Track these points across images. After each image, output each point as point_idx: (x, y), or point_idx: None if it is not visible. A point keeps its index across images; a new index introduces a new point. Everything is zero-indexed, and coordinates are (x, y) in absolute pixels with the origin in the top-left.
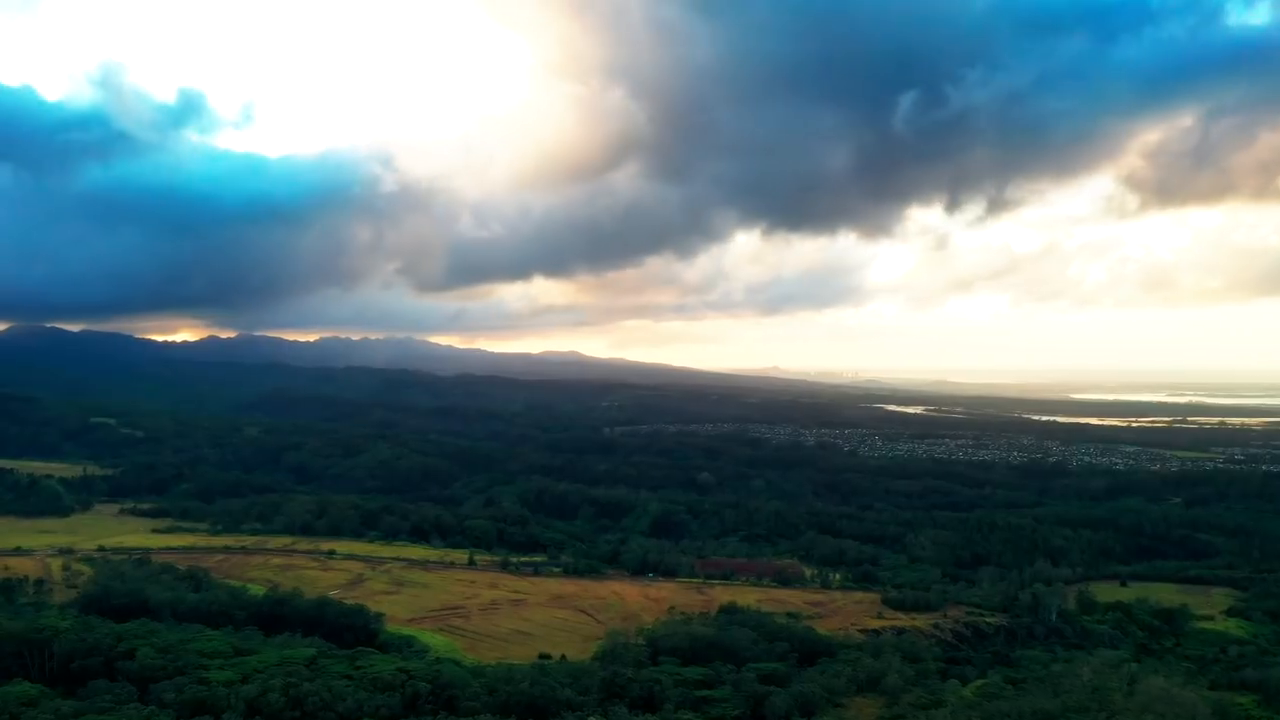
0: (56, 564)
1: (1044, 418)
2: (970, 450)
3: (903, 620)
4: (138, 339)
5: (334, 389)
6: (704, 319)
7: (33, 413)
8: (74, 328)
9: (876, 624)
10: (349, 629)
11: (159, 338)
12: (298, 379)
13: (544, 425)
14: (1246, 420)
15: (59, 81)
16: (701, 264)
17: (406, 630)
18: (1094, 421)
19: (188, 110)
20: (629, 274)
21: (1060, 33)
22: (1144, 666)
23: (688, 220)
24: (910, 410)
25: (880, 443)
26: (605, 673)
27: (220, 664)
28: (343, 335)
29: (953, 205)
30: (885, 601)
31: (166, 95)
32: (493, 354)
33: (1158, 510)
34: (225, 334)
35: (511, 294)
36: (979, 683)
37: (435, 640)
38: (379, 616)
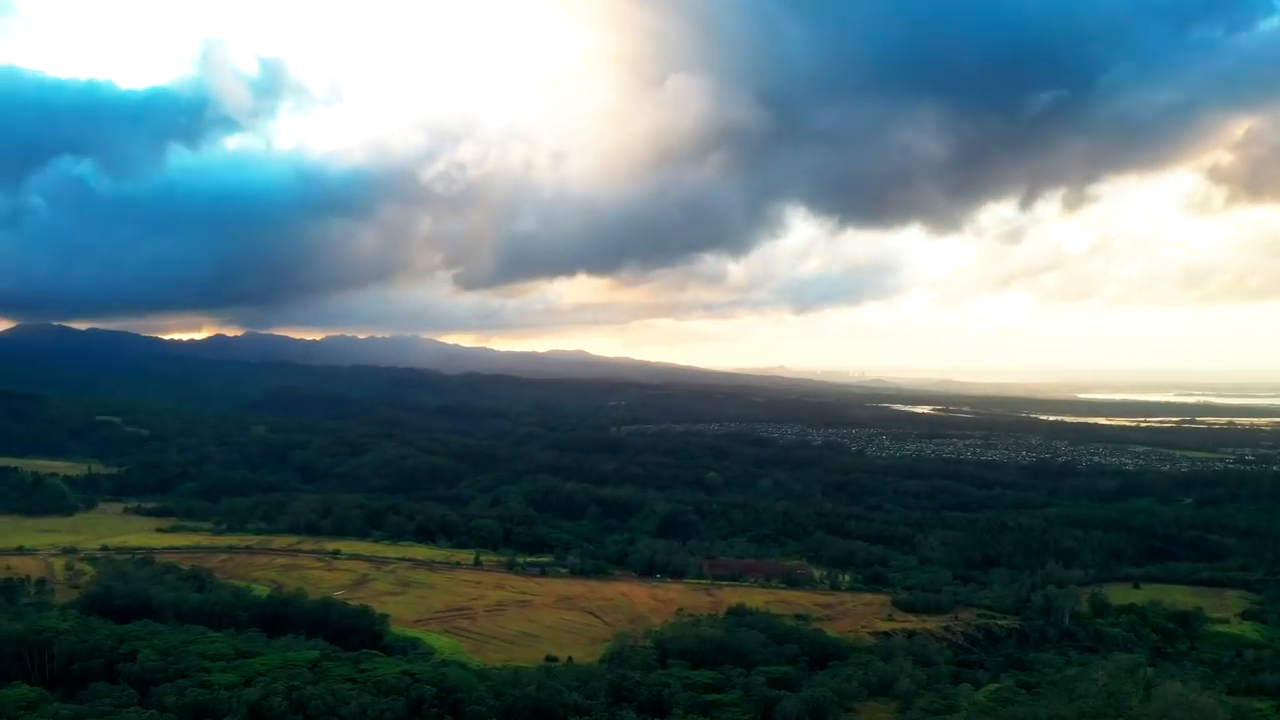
0: (59, 564)
1: (1052, 418)
2: (978, 450)
3: (913, 622)
4: (144, 337)
5: (340, 387)
6: (730, 317)
7: (38, 411)
8: (80, 326)
9: (887, 626)
10: (353, 630)
11: (165, 336)
12: (304, 377)
13: (551, 424)
14: (1256, 420)
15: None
16: (751, 260)
17: (412, 632)
18: (1102, 421)
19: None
20: (677, 271)
21: (1165, 20)
22: (1160, 671)
23: (751, 215)
24: (917, 410)
25: (888, 442)
26: (613, 676)
27: (222, 666)
28: (349, 334)
29: (1029, 200)
30: (895, 603)
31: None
32: (500, 353)
33: (1169, 511)
34: (232, 332)
35: (552, 291)
36: (992, 687)
37: (441, 642)
38: (384, 618)
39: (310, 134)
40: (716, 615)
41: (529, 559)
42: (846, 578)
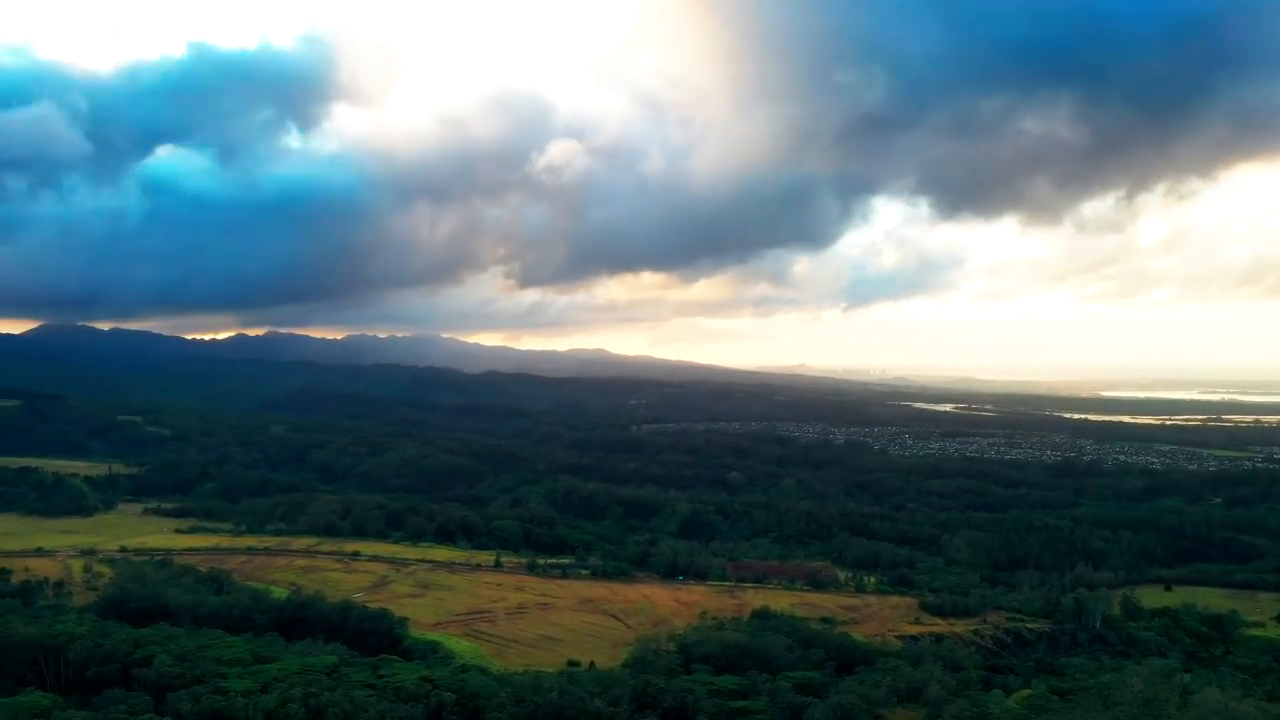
0: (77, 565)
1: (1075, 416)
2: (1002, 449)
3: (941, 626)
4: (167, 337)
5: (361, 387)
6: (769, 315)
7: (59, 411)
8: (104, 326)
9: (914, 630)
10: (372, 634)
11: (188, 335)
12: (325, 377)
13: (571, 424)
14: None
15: None
16: (823, 255)
17: (431, 635)
18: (1127, 419)
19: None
20: (747, 266)
21: None
22: (1197, 677)
23: (840, 208)
24: (939, 408)
25: (910, 441)
26: (636, 682)
27: (239, 672)
28: (369, 333)
29: (1132, 194)
30: (922, 606)
31: None
32: (520, 351)
33: (1199, 511)
34: (253, 332)
35: (611, 288)
36: (1024, 693)
37: (461, 646)
38: (403, 621)
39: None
40: (741, 618)
41: (550, 560)
42: (872, 580)
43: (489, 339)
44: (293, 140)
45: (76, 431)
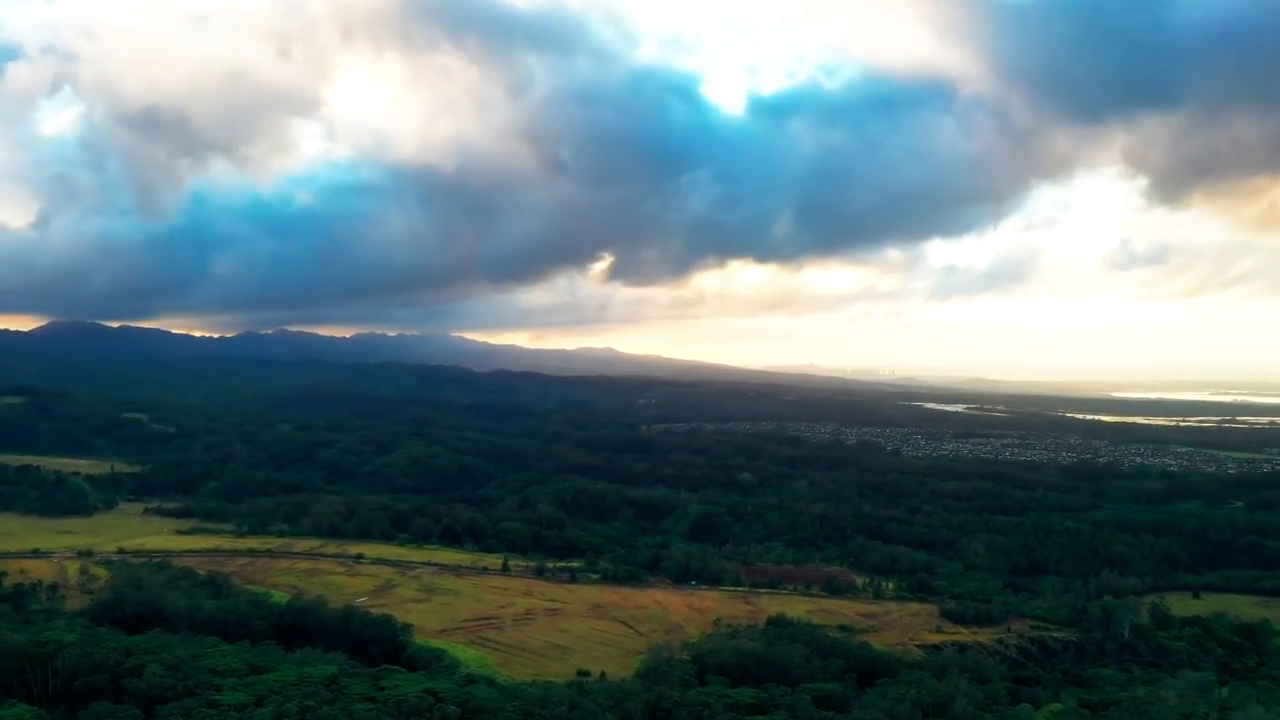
0: (74, 567)
1: (1088, 416)
2: (1016, 450)
3: (964, 634)
4: (176, 334)
5: (369, 385)
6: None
7: (64, 409)
8: (113, 324)
9: (936, 639)
10: (375, 641)
11: (197, 333)
12: (333, 375)
13: (580, 423)
14: None
15: None
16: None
17: (436, 643)
18: (1140, 420)
19: None
20: (851, 259)
21: None
22: (1235, 691)
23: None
24: (950, 408)
25: (923, 442)
26: (649, 695)
27: (234, 683)
28: (379, 331)
29: None
30: (943, 613)
31: None
32: (528, 350)
33: (1222, 515)
34: (263, 330)
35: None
36: (1054, 708)
37: (466, 654)
38: (407, 628)
39: None
40: (756, 626)
41: (559, 564)
42: (890, 585)
43: (500, 338)
44: None
45: (81, 429)
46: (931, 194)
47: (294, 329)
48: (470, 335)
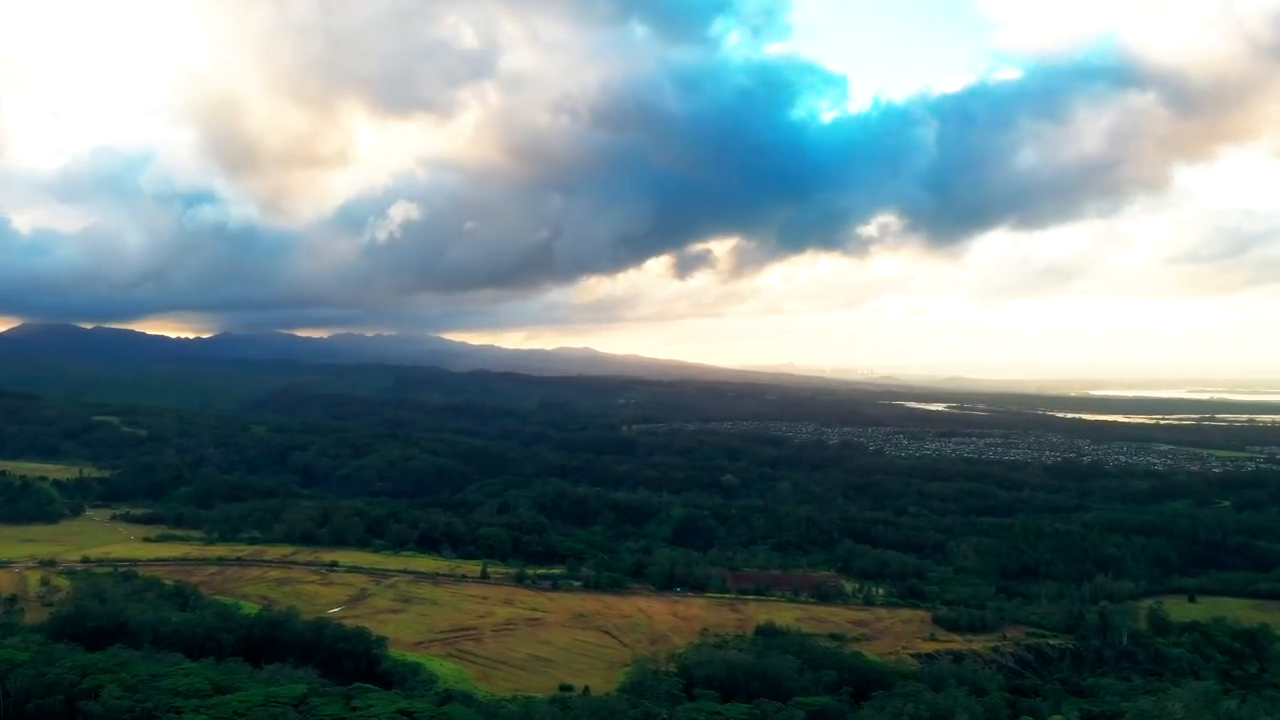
0: (34, 577)
1: (1069, 415)
2: (1000, 449)
3: (958, 643)
4: (150, 335)
5: (346, 386)
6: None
7: (34, 411)
8: (87, 325)
9: (930, 647)
10: (349, 655)
11: (172, 334)
12: (310, 376)
13: (560, 424)
14: (1277, 418)
15: None
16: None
17: (412, 656)
18: (1121, 419)
19: None
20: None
21: None
22: (1246, 704)
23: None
24: (931, 408)
25: (906, 441)
26: (635, 710)
27: (195, 705)
28: (356, 332)
29: None
30: (936, 620)
31: None
32: (507, 350)
33: (1211, 515)
34: (239, 330)
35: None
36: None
37: (444, 668)
38: (382, 641)
39: None
40: (744, 635)
41: (539, 571)
42: (881, 591)
43: (473, 337)
44: None
45: (50, 433)
46: None
47: (271, 330)
48: (447, 335)
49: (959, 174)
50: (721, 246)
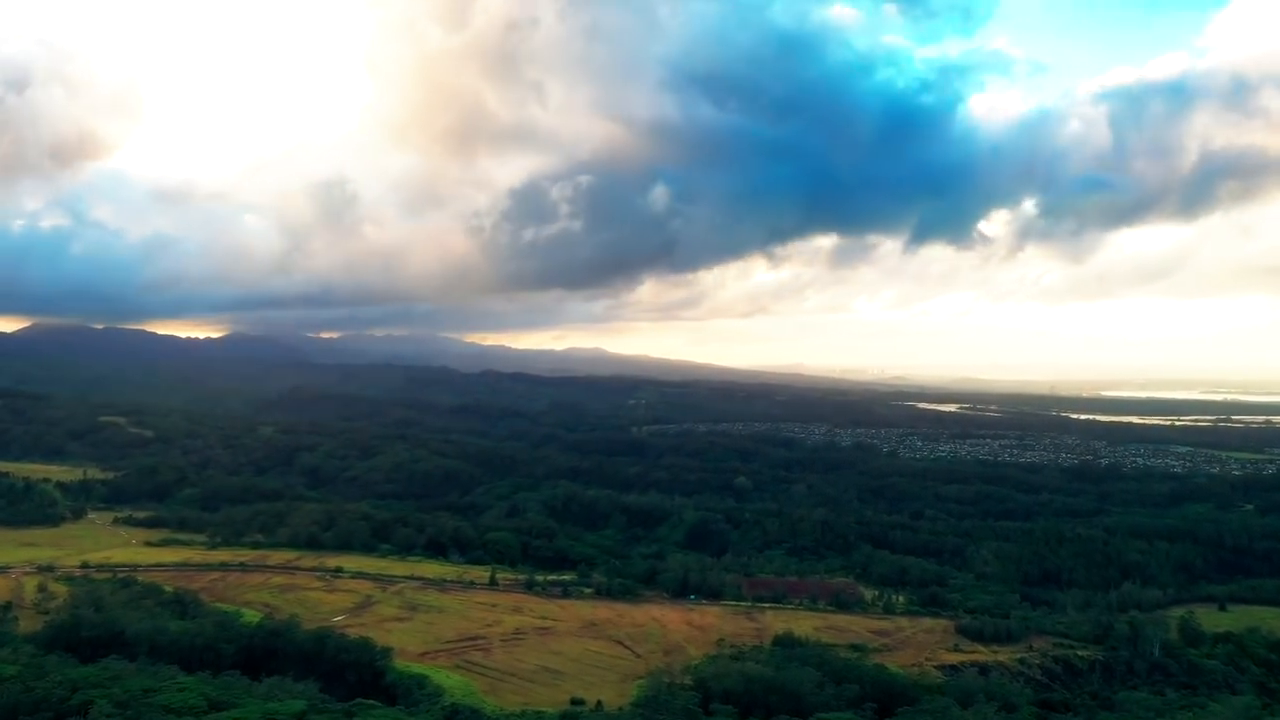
0: (32, 584)
1: (1083, 416)
2: (1015, 451)
3: (983, 653)
4: (161, 335)
5: (355, 386)
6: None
7: (40, 411)
8: (98, 325)
9: (954, 658)
10: (352, 666)
11: (181, 334)
12: (319, 376)
13: (570, 425)
14: None
15: None
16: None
17: (417, 667)
18: (1136, 420)
19: None
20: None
21: None
22: None
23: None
24: (943, 408)
25: (920, 443)
26: None
27: None
28: (366, 333)
29: None
30: (959, 630)
31: None
32: (517, 350)
33: (1236, 519)
34: (249, 330)
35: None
36: None
37: (450, 680)
38: (386, 651)
39: None
40: (761, 646)
41: (549, 577)
42: (901, 599)
43: (482, 338)
44: None
45: (56, 433)
46: None
47: (282, 330)
48: (457, 336)
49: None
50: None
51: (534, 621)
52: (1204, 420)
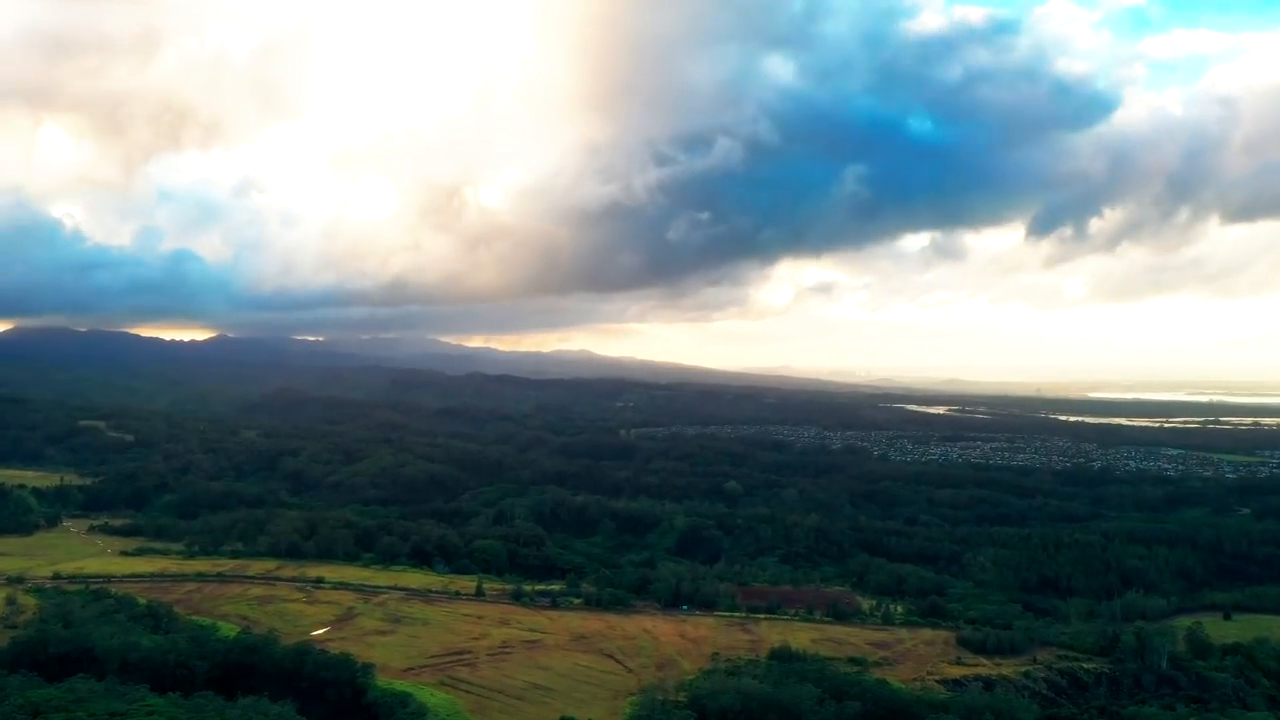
0: (0, 596)
1: (1071, 418)
2: (1006, 454)
3: (986, 666)
4: (145, 338)
5: (340, 389)
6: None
7: (19, 416)
8: (81, 328)
9: (957, 672)
10: (332, 684)
11: (166, 336)
12: (304, 378)
13: (557, 428)
14: None
15: None
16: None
17: (400, 685)
18: (1124, 422)
19: None
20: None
21: None
22: None
23: None
24: (932, 411)
25: (910, 446)
26: None
27: None
28: (351, 335)
29: None
30: (961, 642)
31: None
32: (503, 353)
33: (1234, 524)
34: (234, 333)
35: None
36: None
37: (435, 698)
38: (368, 668)
39: None
40: (758, 659)
41: (538, 587)
42: (899, 608)
43: (468, 340)
44: None
45: (34, 438)
46: None
47: (267, 333)
48: (443, 338)
49: None
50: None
51: (522, 634)
52: (1193, 422)
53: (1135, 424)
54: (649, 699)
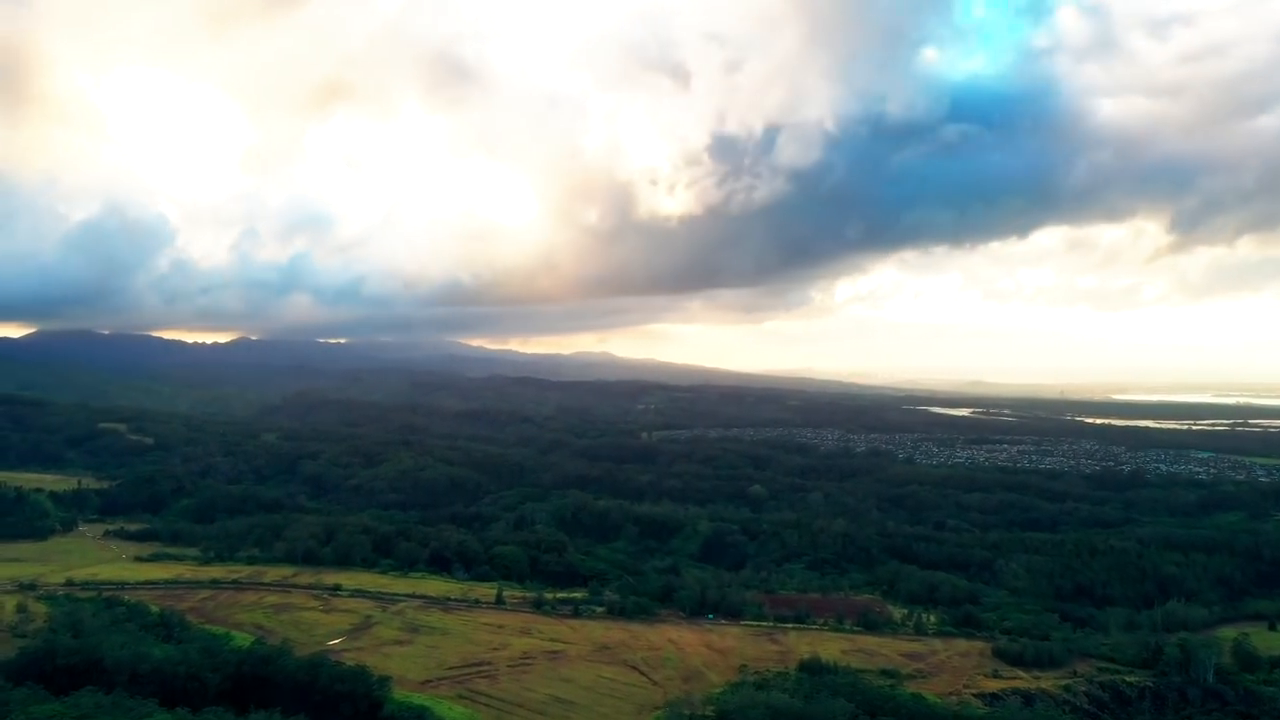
0: (11, 604)
1: (1098, 421)
2: (1034, 457)
3: (1024, 679)
4: (167, 340)
5: (360, 391)
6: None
7: (40, 418)
8: (105, 331)
9: (994, 685)
10: (347, 698)
11: (189, 339)
12: (325, 381)
13: (578, 430)
14: None
15: None
16: None
17: (418, 698)
18: (1152, 424)
19: None
20: None
21: None
22: None
23: None
24: (956, 413)
25: (935, 449)
26: None
27: None
28: (371, 338)
29: None
30: (997, 653)
31: None
32: (524, 355)
33: (1272, 529)
34: (255, 336)
35: None
36: None
37: (453, 713)
38: (385, 681)
39: None
40: (787, 672)
41: (559, 595)
42: (932, 618)
43: (490, 342)
44: None
45: (54, 441)
46: None
47: (288, 336)
48: (463, 340)
49: None
50: None
51: (543, 645)
52: (1221, 424)
53: (1163, 426)
54: (675, 713)
